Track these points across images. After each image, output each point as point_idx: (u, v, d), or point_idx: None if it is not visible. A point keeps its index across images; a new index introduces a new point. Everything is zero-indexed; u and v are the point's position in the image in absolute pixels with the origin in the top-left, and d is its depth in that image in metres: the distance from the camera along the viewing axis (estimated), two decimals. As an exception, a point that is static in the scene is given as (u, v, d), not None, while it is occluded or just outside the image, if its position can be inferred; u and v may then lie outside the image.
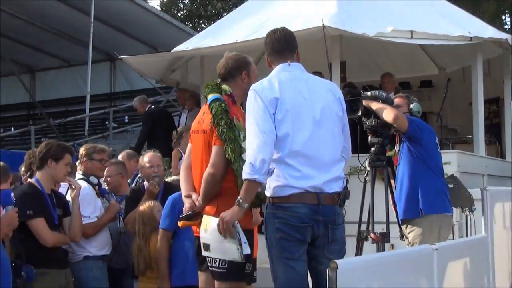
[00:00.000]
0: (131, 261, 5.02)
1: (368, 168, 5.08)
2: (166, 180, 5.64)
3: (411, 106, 5.34)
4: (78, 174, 5.28)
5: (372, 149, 5.08)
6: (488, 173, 7.87)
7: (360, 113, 5.00)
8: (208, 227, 3.51)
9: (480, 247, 4.54)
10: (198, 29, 17.10)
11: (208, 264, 3.66)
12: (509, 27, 22.01)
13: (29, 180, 4.87)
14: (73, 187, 4.73)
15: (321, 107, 3.50)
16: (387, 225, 5.07)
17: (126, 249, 5.26)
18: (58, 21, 13.88)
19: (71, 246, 4.77)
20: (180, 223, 3.84)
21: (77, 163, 5.42)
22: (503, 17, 23.16)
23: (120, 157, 6.25)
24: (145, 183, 5.41)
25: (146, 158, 5.47)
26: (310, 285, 3.53)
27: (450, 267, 3.74)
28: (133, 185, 6.11)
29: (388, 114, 4.92)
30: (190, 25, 22.70)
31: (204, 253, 3.60)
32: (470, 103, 8.30)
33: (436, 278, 3.51)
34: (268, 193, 3.44)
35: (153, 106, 10.35)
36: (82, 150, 5.40)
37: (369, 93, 5.18)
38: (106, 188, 5.65)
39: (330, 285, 2.35)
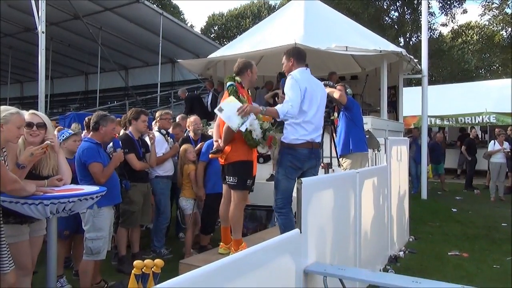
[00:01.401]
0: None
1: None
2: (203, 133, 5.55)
3: (347, 90, 5.25)
4: (155, 128, 5.21)
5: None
6: (388, 129, 7.87)
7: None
8: (231, 102, 3.37)
9: (383, 171, 4.53)
10: (222, 44, 16.71)
11: (226, 180, 3.65)
12: (402, 44, 22.11)
13: (124, 131, 4.81)
14: (151, 136, 4.68)
15: (320, 96, 3.56)
16: (330, 158, 5.07)
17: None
18: (141, 39, 13.54)
19: (149, 169, 4.75)
20: (210, 156, 3.85)
21: (153, 123, 5.33)
22: (400, 39, 23.42)
23: (177, 118, 6.16)
24: (191, 133, 5.31)
25: (192, 118, 5.36)
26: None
27: (366, 183, 3.74)
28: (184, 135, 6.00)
29: (336, 94, 4.92)
30: (218, 42, 22.18)
31: (215, 110, 3.41)
32: (379, 89, 8.16)
33: (358, 189, 3.51)
34: (285, 140, 3.45)
35: (188, 93, 10.26)
36: (157, 114, 5.29)
37: (323, 83, 5.09)
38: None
39: (297, 194, 2.35)
